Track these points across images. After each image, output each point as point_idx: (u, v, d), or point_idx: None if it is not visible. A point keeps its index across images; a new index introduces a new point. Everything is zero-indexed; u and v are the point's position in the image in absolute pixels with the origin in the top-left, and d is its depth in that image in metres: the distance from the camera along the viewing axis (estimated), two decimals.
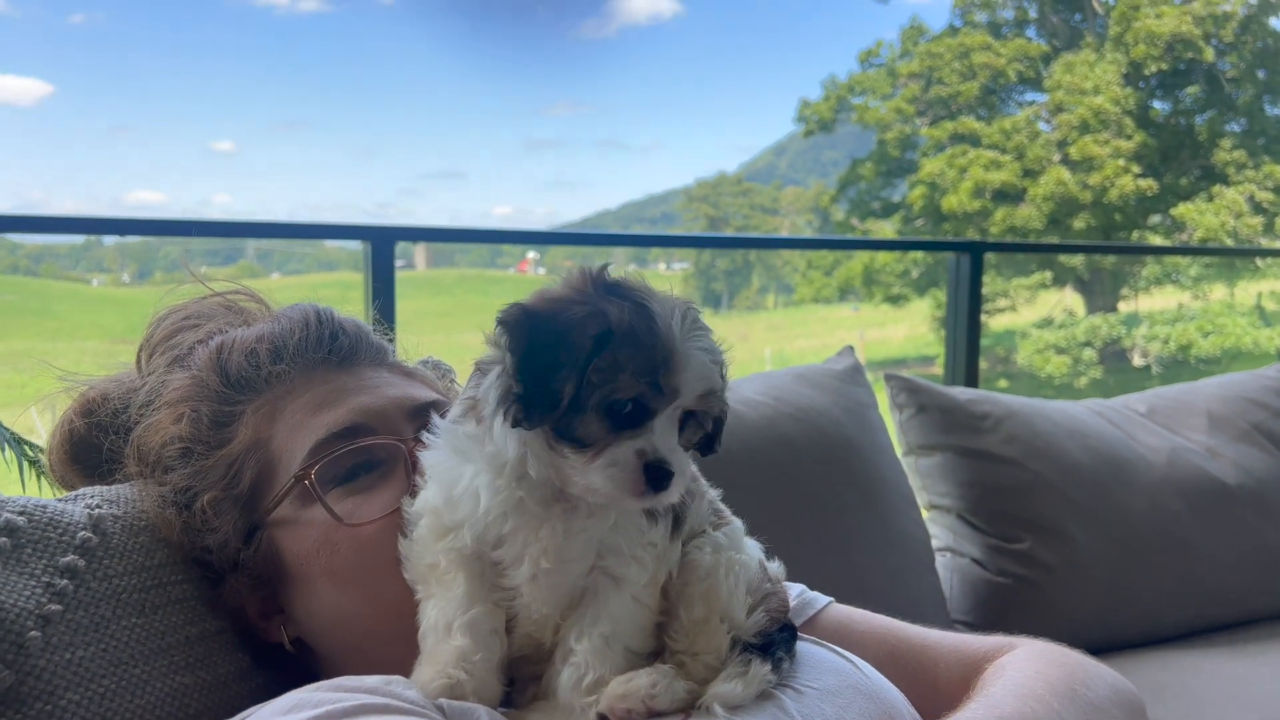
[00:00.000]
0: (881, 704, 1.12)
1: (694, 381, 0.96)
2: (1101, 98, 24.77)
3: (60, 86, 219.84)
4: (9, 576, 1.09)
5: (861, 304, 33.86)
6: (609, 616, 1.01)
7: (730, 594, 1.04)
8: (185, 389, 1.27)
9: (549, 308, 0.97)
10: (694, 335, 0.97)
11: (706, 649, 1.03)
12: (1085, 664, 1.23)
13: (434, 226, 4.20)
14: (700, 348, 0.97)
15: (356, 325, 1.35)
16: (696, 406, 0.99)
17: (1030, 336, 24.96)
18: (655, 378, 0.94)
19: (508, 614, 1.03)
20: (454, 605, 1.02)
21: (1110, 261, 25.66)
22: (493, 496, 1.00)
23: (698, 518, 1.09)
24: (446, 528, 1.03)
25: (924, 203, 26.11)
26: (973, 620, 2.52)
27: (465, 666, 0.99)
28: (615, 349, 0.94)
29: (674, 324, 0.96)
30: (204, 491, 1.23)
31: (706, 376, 0.97)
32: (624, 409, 0.95)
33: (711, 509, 1.12)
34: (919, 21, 29.05)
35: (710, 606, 1.03)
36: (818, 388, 2.41)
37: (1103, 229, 24.95)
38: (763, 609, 1.06)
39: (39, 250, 59.51)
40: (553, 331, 0.95)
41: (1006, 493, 2.58)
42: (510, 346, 0.96)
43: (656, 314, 0.96)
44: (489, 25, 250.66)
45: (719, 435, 1.05)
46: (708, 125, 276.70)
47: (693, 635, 1.03)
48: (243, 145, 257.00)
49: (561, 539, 0.99)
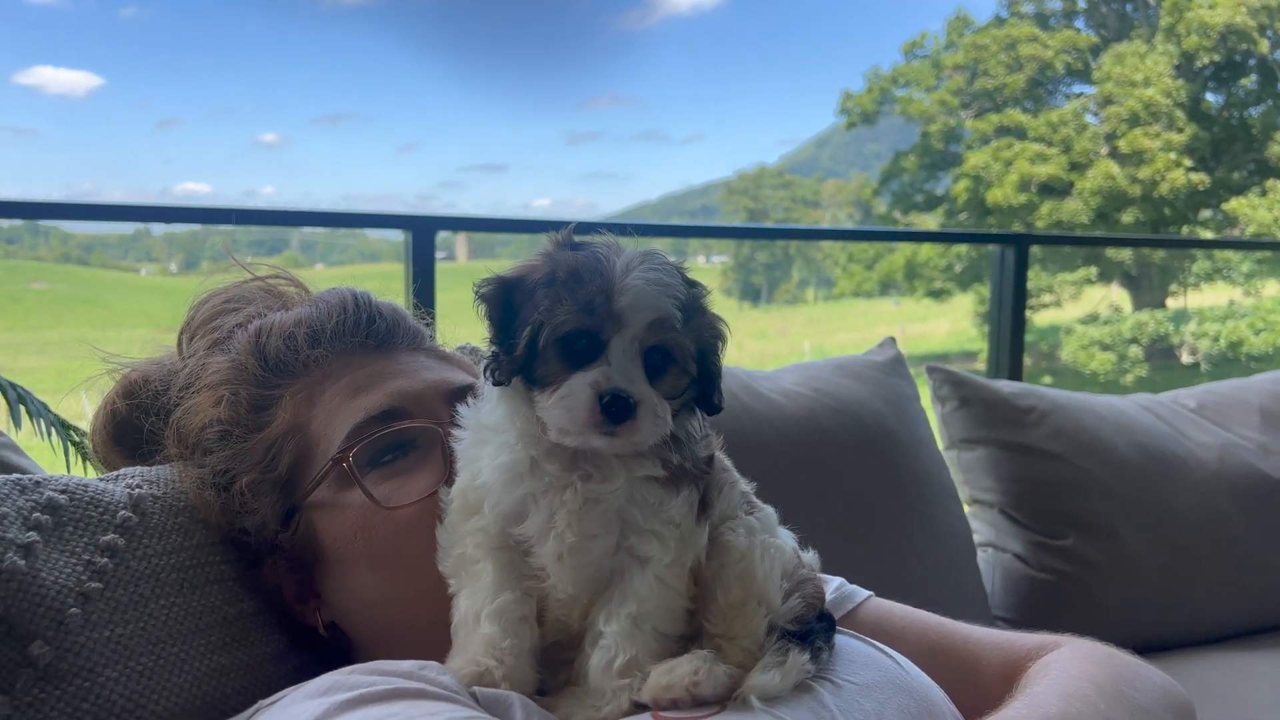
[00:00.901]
0: (921, 701, 1.10)
1: (640, 309, 0.97)
2: (1152, 90, 24.34)
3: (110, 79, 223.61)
4: (50, 554, 1.10)
5: (903, 298, 33.59)
6: (635, 597, 1.00)
7: (766, 577, 1.03)
8: (224, 372, 1.28)
9: (517, 273, 1.02)
10: (644, 269, 0.98)
11: (744, 633, 1.02)
12: (1133, 664, 1.19)
13: (474, 216, 4.22)
14: (646, 278, 0.97)
15: (393, 309, 1.36)
16: (653, 339, 0.98)
17: (1075, 332, 24.61)
18: (594, 306, 0.96)
19: (538, 601, 1.03)
20: (482, 594, 1.02)
21: (1159, 256, 25.22)
22: (500, 458, 1.02)
23: (729, 504, 1.08)
24: (471, 507, 1.04)
25: (968, 196, 25.82)
26: (1014, 617, 2.48)
27: (494, 654, 0.99)
28: (558, 287, 0.97)
29: (620, 262, 0.98)
30: (242, 474, 1.23)
31: (653, 304, 0.97)
32: (577, 344, 0.97)
33: (744, 499, 1.11)
34: (964, 13, 28.71)
35: (747, 589, 1.02)
36: (858, 379, 2.38)
37: (1152, 224, 24.52)
38: (799, 595, 1.05)
39: (90, 240, 60.66)
40: (519, 290, 1.00)
41: (1051, 488, 2.54)
42: (488, 314, 1.02)
43: (602, 255, 0.99)
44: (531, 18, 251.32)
45: (713, 386, 1.04)
46: (749, 117, 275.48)
47: (730, 618, 1.02)
48: (287, 138, 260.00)
49: (580, 505, 0.99)
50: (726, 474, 1.10)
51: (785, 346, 37.50)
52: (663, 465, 1.01)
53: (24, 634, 1.04)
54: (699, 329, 1.02)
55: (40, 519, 1.12)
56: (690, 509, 1.02)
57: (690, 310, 1.00)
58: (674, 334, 0.99)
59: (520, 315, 0.99)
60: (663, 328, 0.98)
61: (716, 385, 1.05)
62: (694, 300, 1.01)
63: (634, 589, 1.00)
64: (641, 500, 1.00)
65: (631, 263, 0.98)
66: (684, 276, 1.02)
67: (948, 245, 25.54)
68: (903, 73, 28.94)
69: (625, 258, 0.99)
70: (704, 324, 1.03)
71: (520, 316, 0.99)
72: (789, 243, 53.36)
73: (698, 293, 1.02)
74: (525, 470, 1.01)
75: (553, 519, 1.00)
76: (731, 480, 1.10)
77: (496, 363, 1.00)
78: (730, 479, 1.10)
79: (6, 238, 58.77)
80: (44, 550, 1.10)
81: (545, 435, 0.99)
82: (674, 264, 1.01)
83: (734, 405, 2.16)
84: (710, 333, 1.04)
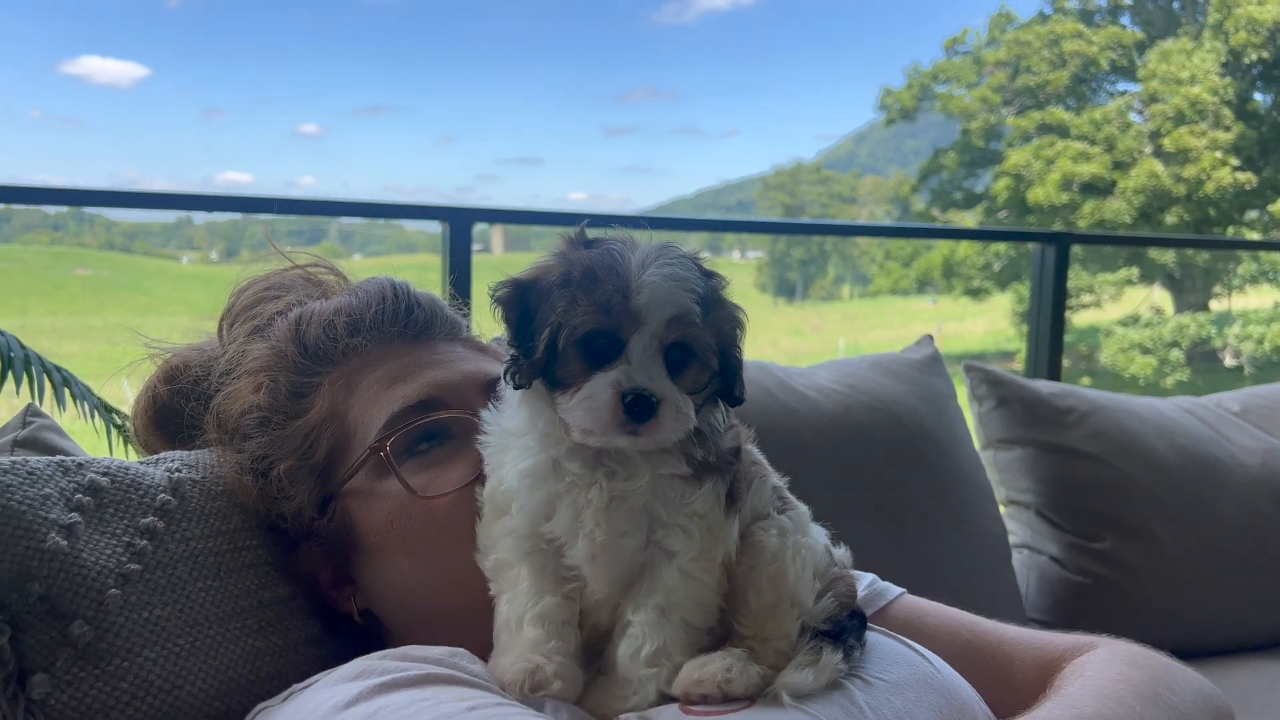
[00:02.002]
0: (953, 700, 1.09)
1: (658, 306, 0.96)
2: (1198, 87, 23.92)
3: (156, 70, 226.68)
4: (92, 535, 1.12)
5: (940, 296, 33.31)
6: (662, 588, 1.00)
7: (798, 578, 1.02)
8: (265, 359, 1.29)
9: (532, 274, 1.02)
10: (660, 264, 0.97)
11: (776, 634, 1.01)
12: (1171, 667, 1.17)
13: (511, 209, 4.23)
14: (663, 274, 0.96)
15: (431, 300, 1.36)
16: (673, 335, 0.97)
17: (1115, 334, 24.27)
18: (612, 306, 0.95)
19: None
20: (523, 599, 1.02)
21: (1203, 258, 24.81)
22: (522, 463, 1.02)
23: (760, 500, 1.07)
24: (500, 509, 1.05)
25: (1008, 194, 25.53)
26: (1049, 620, 2.46)
27: (543, 652, 0.99)
28: (574, 287, 0.97)
29: (636, 258, 0.97)
30: (280, 460, 1.24)
31: (671, 300, 0.96)
32: (596, 344, 0.97)
33: (776, 495, 1.10)
34: (1008, 9, 28.37)
35: (779, 591, 1.01)
36: (895, 376, 2.36)
37: (1196, 224, 24.11)
38: (831, 594, 1.04)
39: (133, 228, 61.60)
40: (535, 292, 1.00)
41: (1089, 490, 2.50)
42: (505, 317, 1.02)
43: (617, 253, 0.98)
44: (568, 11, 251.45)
45: (735, 378, 1.03)
46: (787, 113, 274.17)
47: (761, 620, 1.02)
48: (328, 128, 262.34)
49: (606, 504, 0.99)
50: (757, 467, 1.09)
51: (820, 343, 37.31)
52: (686, 460, 1.00)
53: (65, 613, 1.06)
54: (719, 321, 1.01)
55: (82, 500, 1.14)
56: (717, 501, 1.01)
57: (709, 303, 0.99)
58: (694, 329, 0.98)
59: (537, 317, 0.99)
60: (682, 323, 0.97)
61: (738, 377, 1.04)
62: (712, 292, 1.00)
63: (661, 580, 1.00)
64: (665, 495, 1.00)
65: (647, 258, 0.97)
66: (701, 269, 1.00)
67: (986, 244, 25.27)
68: (943, 69, 28.66)
69: (641, 253, 0.98)
70: (724, 316, 1.01)
71: (537, 319, 0.99)
72: (825, 239, 53.06)
73: (716, 284, 1.01)
74: (549, 472, 1.01)
75: (580, 518, 1.00)
76: (762, 474, 1.09)
77: (516, 366, 1.00)
78: (761, 473, 1.09)
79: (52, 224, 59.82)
80: (85, 531, 1.12)
81: (568, 436, 0.98)
82: (691, 256, 1.00)
83: (768, 401, 2.15)
84: (730, 324, 1.02)
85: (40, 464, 1.14)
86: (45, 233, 58.95)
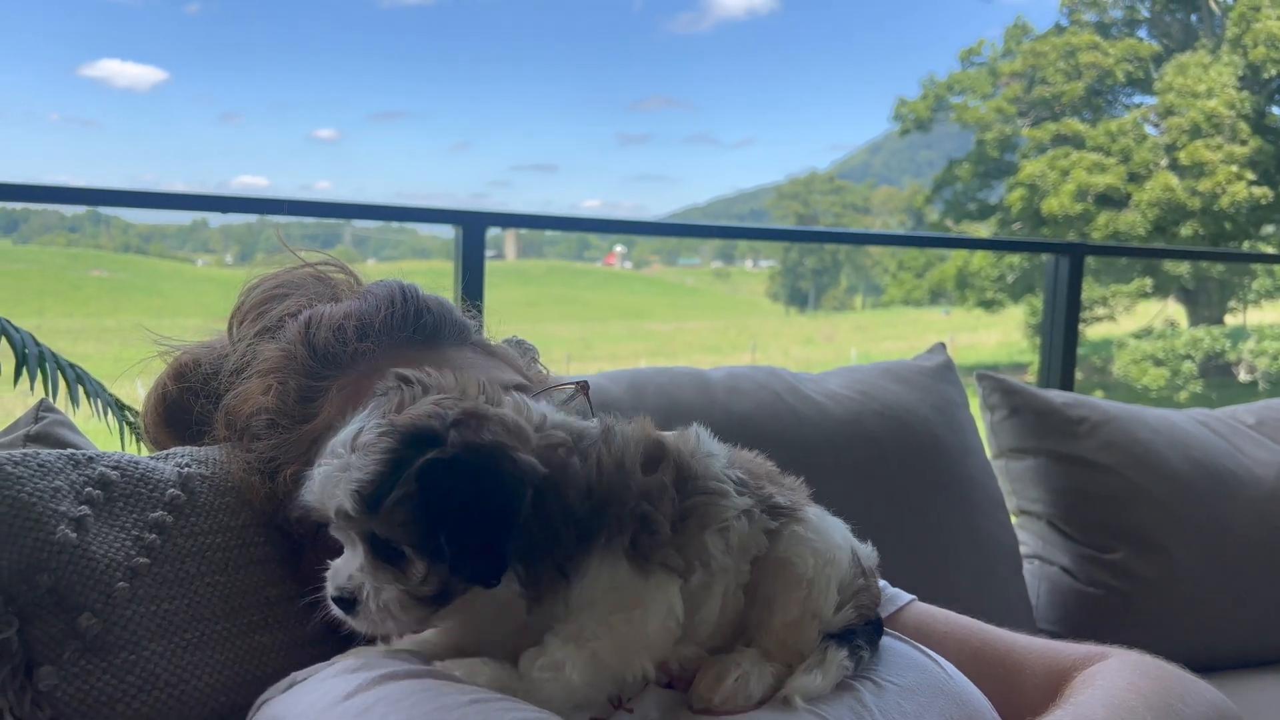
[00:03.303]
0: (964, 706, 1.08)
1: (323, 503, 0.94)
2: (1215, 101, 23.84)
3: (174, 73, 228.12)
4: (101, 528, 1.12)
5: (953, 308, 33.23)
6: (575, 623, 0.94)
7: (823, 594, 1.02)
8: (275, 360, 1.28)
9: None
10: (332, 451, 0.94)
11: (796, 644, 1.02)
12: (1183, 678, 1.16)
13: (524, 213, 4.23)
14: (324, 469, 0.93)
15: (440, 303, 1.35)
16: (349, 525, 0.93)
17: (1128, 346, 24.17)
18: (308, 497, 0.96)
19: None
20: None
21: (1218, 271, 24.70)
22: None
23: (740, 539, 1.00)
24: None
25: (1023, 205, 25.48)
26: (1060, 630, 2.44)
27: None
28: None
29: (345, 437, 0.94)
30: (287, 464, 1.23)
31: (327, 497, 0.92)
32: (333, 540, 0.98)
33: (767, 514, 1.03)
34: (1024, 20, 28.33)
35: (804, 608, 1.01)
36: (906, 384, 2.35)
37: (1211, 237, 24.01)
38: (852, 605, 1.04)
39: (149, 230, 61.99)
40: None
41: (1101, 501, 2.49)
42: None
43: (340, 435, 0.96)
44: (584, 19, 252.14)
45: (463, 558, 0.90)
46: (801, 122, 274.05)
47: (783, 638, 1.01)
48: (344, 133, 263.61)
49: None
50: (707, 500, 0.98)
51: (832, 353, 37.27)
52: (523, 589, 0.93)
53: (73, 606, 1.06)
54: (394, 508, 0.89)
55: (92, 494, 1.14)
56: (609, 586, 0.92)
57: (384, 489, 0.89)
58: (366, 523, 0.90)
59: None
60: (351, 520, 0.91)
61: (465, 557, 0.90)
62: (384, 478, 0.89)
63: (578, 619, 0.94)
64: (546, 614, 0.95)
65: (346, 438, 0.93)
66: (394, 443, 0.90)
67: (1000, 255, 25.21)
68: (959, 79, 28.64)
69: (348, 432, 0.93)
70: (400, 498, 0.89)
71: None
72: (838, 248, 53.02)
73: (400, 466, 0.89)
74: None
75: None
76: (717, 511, 0.99)
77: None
78: (715, 511, 0.98)
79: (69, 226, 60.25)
80: (95, 525, 1.12)
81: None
82: (391, 422, 0.91)
83: (779, 407, 2.15)
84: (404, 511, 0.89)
85: (51, 457, 1.15)
86: (62, 234, 59.39)
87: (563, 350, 31.70)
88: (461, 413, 0.92)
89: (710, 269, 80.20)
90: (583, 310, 48.93)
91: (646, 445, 0.99)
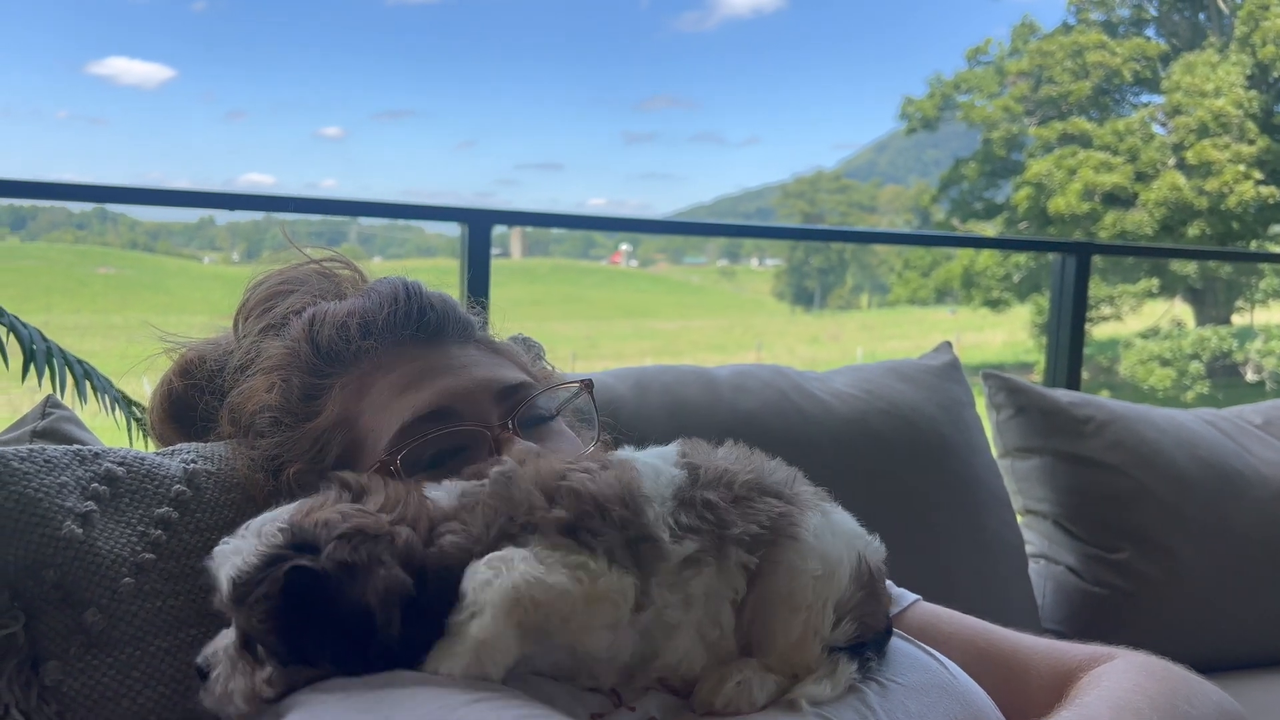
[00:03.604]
0: (967, 706, 1.08)
1: (214, 571, 0.98)
2: (1223, 100, 23.75)
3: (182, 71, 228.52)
4: (107, 524, 1.13)
5: (959, 307, 33.17)
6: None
7: (821, 615, 1.01)
8: (279, 358, 1.28)
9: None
10: (241, 532, 1.00)
11: (800, 663, 1.01)
12: (1189, 679, 1.16)
13: (529, 211, 4.23)
14: (230, 540, 0.99)
15: (444, 300, 1.34)
16: (222, 607, 0.99)
17: (1134, 346, 24.10)
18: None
19: None
20: None
21: (1226, 271, 24.60)
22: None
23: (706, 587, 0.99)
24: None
25: (1029, 204, 25.41)
26: (1065, 630, 2.43)
27: None
28: None
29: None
30: (290, 463, 1.23)
31: (219, 565, 0.97)
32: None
33: (742, 547, 1.01)
34: (1031, 19, 28.26)
35: (807, 625, 1.01)
36: (912, 383, 2.34)
37: (1219, 237, 23.92)
38: (852, 618, 1.03)
39: (156, 228, 62.16)
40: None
41: (1107, 501, 2.48)
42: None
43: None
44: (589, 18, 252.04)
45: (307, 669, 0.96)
46: (807, 121, 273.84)
47: (787, 655, 1.01)
48: (349, 132, 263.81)
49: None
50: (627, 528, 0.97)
51: (837, 352, 37.24)
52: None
53: (79, 601, 1.07)
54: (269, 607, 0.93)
55: (98, 489, 1.14)
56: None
57: (253, 582, 0.93)
58: (232, 610, 0.96)
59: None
60: (222, 603, 0.97)
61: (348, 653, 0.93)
62: (260, 572, 0.93)
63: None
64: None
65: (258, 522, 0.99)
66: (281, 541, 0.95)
67: (1006, 254, 25.14)
68: (965, 78, 28.56)
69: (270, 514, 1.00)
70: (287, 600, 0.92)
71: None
72: (844, 247, 52.89)
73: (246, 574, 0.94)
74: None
75: None
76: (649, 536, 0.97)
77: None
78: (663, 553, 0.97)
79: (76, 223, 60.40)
80: (101, 520, 1.12)
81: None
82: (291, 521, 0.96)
83: (783, 404, 2.15)
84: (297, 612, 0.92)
85: (57, 453, 1.15)
86: (70, 231, 59.54)
87: (568, 349, 31.69)
88: (350, 528, 0.94)
89: (716, 268, 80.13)
90: (588, 309, 48.93)
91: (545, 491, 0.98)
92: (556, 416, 1.30)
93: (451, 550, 0.95)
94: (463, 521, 0.98)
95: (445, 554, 0.95)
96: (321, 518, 0.96)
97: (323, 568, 0.91)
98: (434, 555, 0.95)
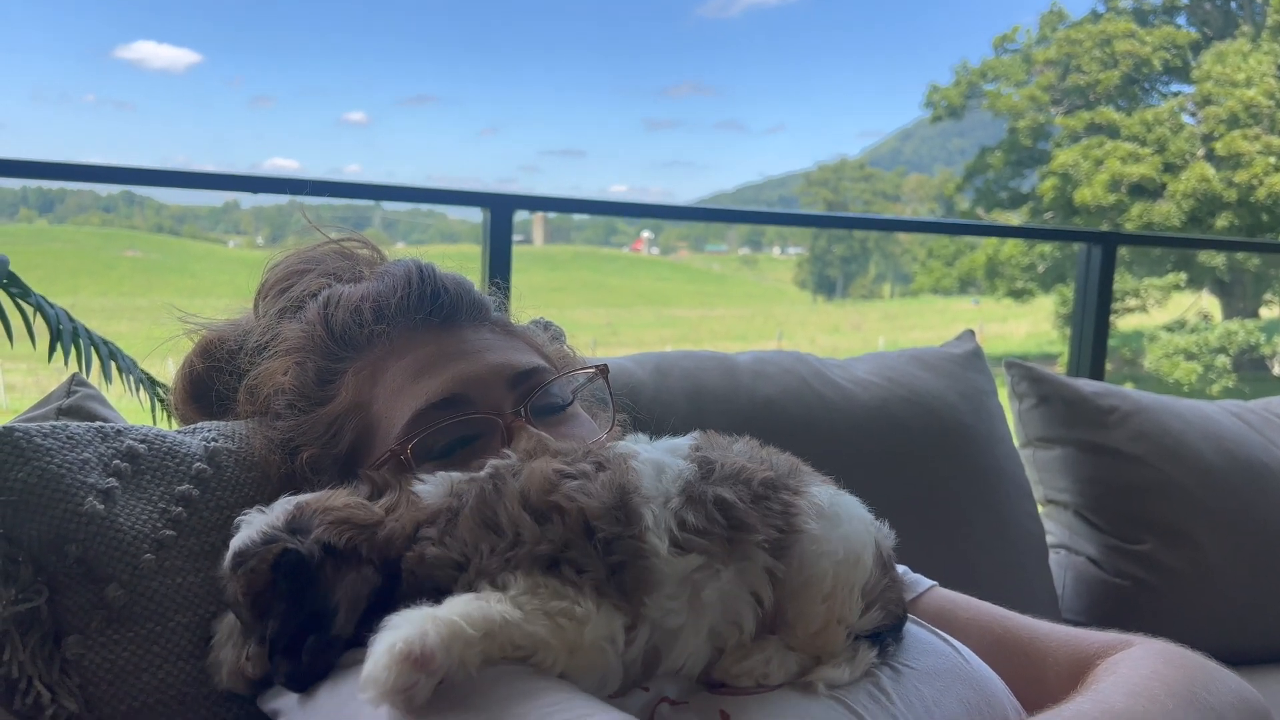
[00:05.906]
0: (981, 691, 1.07)
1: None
2: (1254, 90, 23.41)
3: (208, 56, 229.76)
4: (129, 501, 1.14)
5: (982, 297, 32.96)
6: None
7: (848, 599, 1.01)
8: (295, 340, 1.28)
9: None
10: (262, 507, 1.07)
11: (825, 650, 1.02)
12: (1207, 667, 1.14)
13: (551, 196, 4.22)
14: (249, 514, 1.05)
15: (457, 282, 1.33)
16: (225, 577, 1.03)
17: (1160, 339, 23.86)
18: None
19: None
20: None
21: (1254, 263, 24.28)
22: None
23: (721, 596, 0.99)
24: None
25: (1055, 194, 25.18)
26: (1085, 621, 2.42)
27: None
28: None
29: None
30: (305, 447, 1.24)
31: (236, 536, 1.03)
32: None
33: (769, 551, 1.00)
34: (1059, 7, 27.94)
35: (830, 612, 1.01)
36: (934, 371, 2.33)
37: (1247, 229, 23.61)
38: (879, 605, 1.04)
39: (181, 212, 62.62)
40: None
41: (1130, 492, 2.46)
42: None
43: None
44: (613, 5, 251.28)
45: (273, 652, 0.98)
46: (831, 109, 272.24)
47: (812, 643, 1.01)
48: (374, 117, 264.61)
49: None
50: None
51: (859, 341, 37.07)
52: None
53: (100, 576, 1.08)
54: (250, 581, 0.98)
55: (120, 466, 1.15)
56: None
57: (248, 555, 0.99)
58: (227, 579, 1.01)
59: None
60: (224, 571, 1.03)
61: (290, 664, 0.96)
62: (256, 547, 0.98)
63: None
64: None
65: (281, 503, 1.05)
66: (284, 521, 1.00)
67: (1031, 244, 24.93)
68: (992, 67, 28.30)
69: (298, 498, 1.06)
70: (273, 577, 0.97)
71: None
72: (866, 236, 52.59)
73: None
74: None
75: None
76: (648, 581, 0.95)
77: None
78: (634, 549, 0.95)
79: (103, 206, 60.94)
80: (123, 497, 1.13)
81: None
82: (299, 504, 1.02)
83: (804, 391, 2.14)
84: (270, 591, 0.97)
85: (80, 429, 1.16)
86: (97, 214, 60.10)
87: (589, 336, 31.52)
88: (340, 517, 0.97)
89: (738, 255, 79.86)
90: (609, 296, 48.91)
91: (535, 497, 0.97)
92: (574, 402, 1.30)
93: (430, 560, 0.95)
94: (442, 530, 0.97)
95: (423, 561, 0.95)
96: (318, 505, 0.99)
97: (309, 551, 0.94)
98: (412, 559, 0.96)
